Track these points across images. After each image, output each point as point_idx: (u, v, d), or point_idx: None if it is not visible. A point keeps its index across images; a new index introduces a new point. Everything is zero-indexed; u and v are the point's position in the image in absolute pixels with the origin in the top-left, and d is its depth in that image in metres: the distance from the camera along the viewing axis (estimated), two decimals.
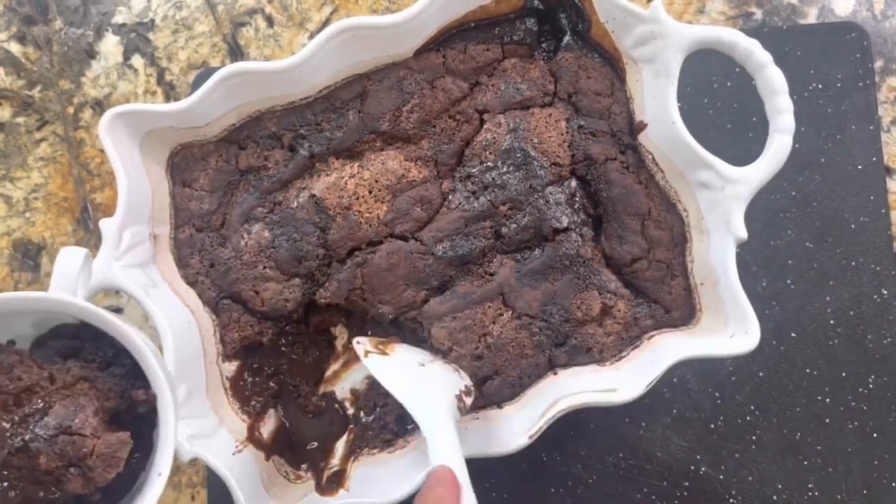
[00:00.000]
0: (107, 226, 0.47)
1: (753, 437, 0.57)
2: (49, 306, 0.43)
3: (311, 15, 0.64)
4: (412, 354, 0.48)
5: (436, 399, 0.44)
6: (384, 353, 0.47)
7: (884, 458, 0.56)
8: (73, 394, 0.42)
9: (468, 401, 0.46)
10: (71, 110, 0.64)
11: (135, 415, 0.44)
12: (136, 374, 0.44)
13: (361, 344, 0.47)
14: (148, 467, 0.42)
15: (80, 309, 0.42)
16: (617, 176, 0.50)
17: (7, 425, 0.39)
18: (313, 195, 0.51)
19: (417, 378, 0.46)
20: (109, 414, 0.43)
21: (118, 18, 0.65)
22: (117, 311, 0.61)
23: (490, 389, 0.50)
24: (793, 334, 0.58)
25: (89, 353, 0.45)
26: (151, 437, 0.43)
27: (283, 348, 0.55)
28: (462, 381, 0.47)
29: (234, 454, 0.49)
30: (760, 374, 0.57)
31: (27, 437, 0.39)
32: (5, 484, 0.40)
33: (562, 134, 0.51)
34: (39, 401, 0.41)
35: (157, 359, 0.42)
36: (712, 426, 0.57)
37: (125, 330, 0.42)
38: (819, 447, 0.56)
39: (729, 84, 0.60)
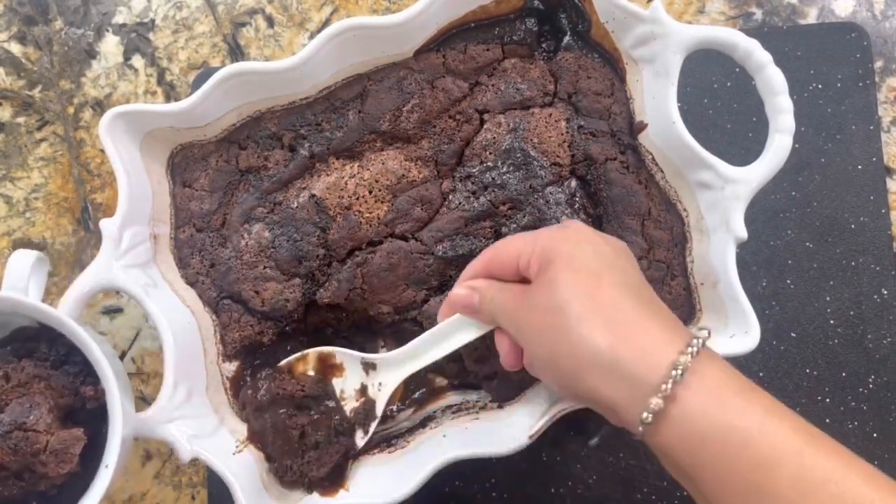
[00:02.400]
0: (107, 226, 0.47)
1: None
2: None
3: (312, 15, 0.64)
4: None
5: None
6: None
7: (884, 458, 0.56)
8: (28, 392, 0.42)
9: None
10: (71, 110, 0.64)
11: (91, 411, 0.45)
12: (88, 372, 0.45)
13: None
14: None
15: (26, 306, 0.43)
16: (617, 176, 0.50)
17: None
18: (313, 195, 0.51)
19: None
20: (64, 411, 0.44)
21: (118, 18, 0.65)
22: (117, 311, 0.61)
23: (490, 389, 0.50)
24: (793, 334, 0.58)
25: (43, 353, 0.46)
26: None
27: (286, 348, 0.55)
28: None
29: (234, 454, 0.49)
30: (760, 374, 0.57)
31: None
32: None
33: (562, 134, 0.51)
34: None
35: (104, 352, 0.43)
36: None
37: (69, 324, 0.43)
38: None
39: (729, 84, 0.60)
